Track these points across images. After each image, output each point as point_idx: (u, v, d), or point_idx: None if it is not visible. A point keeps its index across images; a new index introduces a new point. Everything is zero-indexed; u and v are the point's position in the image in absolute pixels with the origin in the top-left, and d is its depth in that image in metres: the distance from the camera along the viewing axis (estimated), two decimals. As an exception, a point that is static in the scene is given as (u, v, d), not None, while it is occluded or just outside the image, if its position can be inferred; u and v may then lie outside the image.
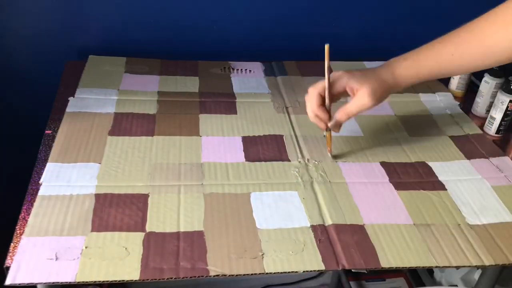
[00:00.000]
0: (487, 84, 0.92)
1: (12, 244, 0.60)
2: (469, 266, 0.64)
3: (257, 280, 1.34)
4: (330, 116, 0.76)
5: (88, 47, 1.05)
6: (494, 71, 0.91)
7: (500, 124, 0.89)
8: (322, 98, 0.75)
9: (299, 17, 1.12)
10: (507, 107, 0.87)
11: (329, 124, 0.76)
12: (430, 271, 1.18)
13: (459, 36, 0.71)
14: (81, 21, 1.04)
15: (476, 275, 1.05)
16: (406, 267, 0.63)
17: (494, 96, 0.91)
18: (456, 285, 1.11)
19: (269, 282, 1.35)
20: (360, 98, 0.73)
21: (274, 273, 0.59)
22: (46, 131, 0.80)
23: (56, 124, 0.82)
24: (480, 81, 0.94)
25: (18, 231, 0.61)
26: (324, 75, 0.74)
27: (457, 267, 0.65)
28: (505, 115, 0.88)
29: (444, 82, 1.05)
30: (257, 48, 1.14)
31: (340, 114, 0.75)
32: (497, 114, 0.88)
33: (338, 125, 0.77)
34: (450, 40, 0.71)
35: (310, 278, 1.38)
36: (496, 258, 0.64)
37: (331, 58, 1.11)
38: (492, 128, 0.90)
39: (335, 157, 0.80)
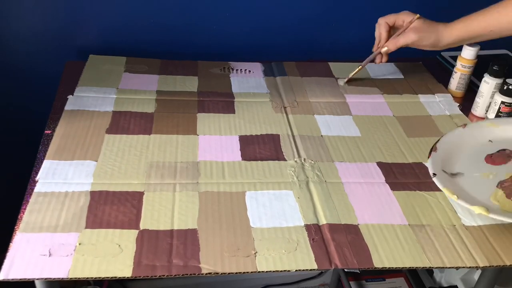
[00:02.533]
0: (487, 85, 0.92)
1: (11, 244, 0.60)
2: (463, 267, 0.64)
3: (258, 280, 1.34)
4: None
5: (88, 47, 1.05)
6: (494, 72, 0.91)
7: None
8: (389, 26, 0.93)
9: (299, 17, 1.12)
10: (499, 108, 0.87)
11: (382, 50, 0.94)
12: (429, 271, 1.18)
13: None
14: (81, 21, 1.05)
15: (476, 275, 1.05)
16: (399, 268, 0.63)
17: (493, 96, 0.90)
18: (456, 285, 1.10)
19: (269, 282, 1.35)
20: (406, 32, 0.90)
21: (266, 271, 0.60)
22: (46, 131, 0.81)
23: (55, 124, 0.82)
24: (480, 81, 0.94)
25: (17, 231, 0.62)
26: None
27: (450, 268, 0.64)
28: (497, 116, 0.87)
29: (444, 82, 1.04)
30: (257, 49, 1.14)
31: (390, 43, 0.93)
32: (490, 115, 0.88)
33: (386, 54, 0.95)
34: (499, 4, 0.84)
35: (310, 278, 1.38)
36: (491, 259, 0.64)
37: (332, 58, 1.12)
38: None
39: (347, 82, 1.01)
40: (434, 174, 0.72)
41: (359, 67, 1.00)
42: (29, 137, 0.94)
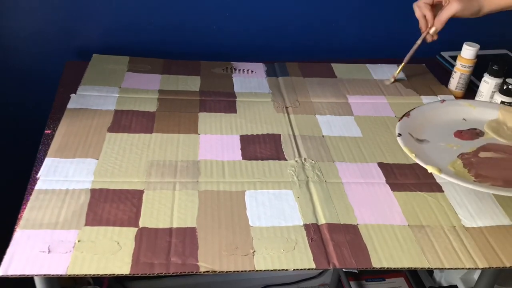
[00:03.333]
0: (487, 84, 0.92)
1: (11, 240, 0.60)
2: (462, 268, 0.64)
3: (257, 280, 1.34)
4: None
5: (89, 48, 1.05)
6: (494, 71, 0.90)
7: None
8: (430, 5, 0.92)
9: (302, 18, 1.12)
10: None
11: (431, 31, 0.92)
12: (429, 271, 1.17)
13: None
14: (81, 21, 1.05)
15: (476, 275, 1.05)
16: (398, 268, 0.63)
17: (493, 96, 0.90)
18: (456, 285, 1.10)
19: (268, 282, 1.35)
20: (449, 4, 0.89)
21: (264, 270, 0.60)
22: (46, 131, 0.81)
23: (55, 123, 0.82)
24: (480, 81, 0.93)
25: (18, 227, 0.62)
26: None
27: (450, 269, 0.64)
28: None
29: (444, 82, 1.04)
30: (260, 49, 1.14)
31: (437, 22, 0.91)
32: None
33: (435, 33, 0.93)
34: None
35: (310, 278, 1.38)
36: (491, 261, 0.64)
37: (334, 59, 1.12)
38: None
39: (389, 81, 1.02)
40: (400, 134, 0.74)
41: (403, 63, 1.00)
42: (29, 136, 0.94)
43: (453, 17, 0.90)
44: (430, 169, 0.68)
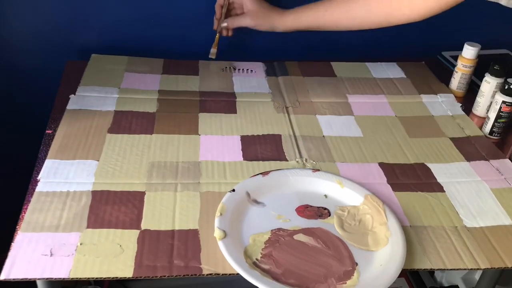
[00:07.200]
0: (488, 84, 0.92)
1: (13, 243, 0.60)
2: (464, 269, 0.64)
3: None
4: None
5: (89, 47, 1.05)
6: (495, 71, 0.90)
7: (493, 125, 0.88)
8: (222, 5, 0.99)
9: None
10: (500, 107, 0.86)
11: (222, 25, 0.99)
12: (431, 271, 1.18)
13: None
14: (81, 21, 1.04)
15: (477, 275, 1.05)
16: (400, 269, 0.63)
17: (494, 96, 0.90)
18: (457, 285, 1.10)
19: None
20: (244, 16, 0.97)
21: (267, 272, 0.60)
22: (47, 131, 0.80)
23: (56, 123, 0.82)
24: (481, 81, 0.93)
25: (19, 230, 0.61)
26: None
27: (451, 270, 0.64)
28: (498, 116, 0.87)
29: (445, 82, 1.04)
30: (260, 49, 1.14)
31: (230, 21, 0.99)
32: (491, 114, 0.88)
33: (226, 29, 1.00)
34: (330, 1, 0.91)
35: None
36: (492, 261, 0.64)
37: (334, 58, 1.12)
38: (486, 128, 0.89)
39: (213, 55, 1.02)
40: (233, 190, 0.69)
41: (217, 35, 1.02)
42: (30, 136, 0.93)
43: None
44: (216, 232, 0.62)
